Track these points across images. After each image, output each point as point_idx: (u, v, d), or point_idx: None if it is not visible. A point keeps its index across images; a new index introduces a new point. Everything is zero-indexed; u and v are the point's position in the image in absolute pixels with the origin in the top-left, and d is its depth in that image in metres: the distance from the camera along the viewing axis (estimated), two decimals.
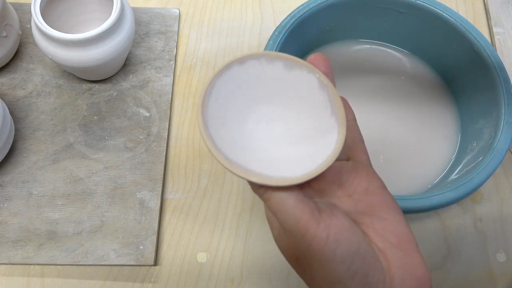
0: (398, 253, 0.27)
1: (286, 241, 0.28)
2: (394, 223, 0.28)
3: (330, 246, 0.25)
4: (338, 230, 0.25)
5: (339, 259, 0.25)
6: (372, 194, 0.29)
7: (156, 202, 0.46)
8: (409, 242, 0.27)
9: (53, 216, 0.45)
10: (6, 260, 0.43)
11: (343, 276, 0.25)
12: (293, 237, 0.26)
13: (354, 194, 0.29)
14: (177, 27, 0.56)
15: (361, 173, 0.29)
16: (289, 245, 0.27)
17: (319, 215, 0.26)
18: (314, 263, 0.26)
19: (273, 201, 0.26)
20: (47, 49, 0.45)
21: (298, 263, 0.27)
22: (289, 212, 0.26)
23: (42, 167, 0.47)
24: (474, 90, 0.48)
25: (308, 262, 0.26)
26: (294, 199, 0.26)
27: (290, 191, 0.26)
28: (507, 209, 0.48)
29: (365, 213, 0.28)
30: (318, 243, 0.25)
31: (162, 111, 0.51)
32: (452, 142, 0.50)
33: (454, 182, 0.42)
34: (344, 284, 0.25)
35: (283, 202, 0.26)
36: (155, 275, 0.44)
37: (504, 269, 0.46)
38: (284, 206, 0.26)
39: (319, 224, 0.25)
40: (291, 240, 0.27)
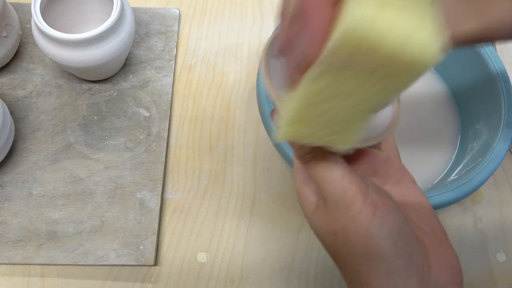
0: (433, 242, 0.27)
1: (325, 215, 0.26)
2: (427, 214, 0.28)
3: (377, 221, 0.24)
4: (385, 207, 0.25)
5: (384, 235, 0.24)
6: (403, 185, 0.29)
7: (156, 202, 0.46)
8: (442, 233, 0.28)
9: (53, 216, 0.45)
10: (6, 260, 0.43)
11: (388, 253, 0.24)
12: (336, 210, 0.25)
13: (387, 184, 0.29)
14: (177, 27, 0.56)
15: (393, 165, 0.29)
16: (328, 219, 0.26)
17: (366, 189, 0.25)
18: (356, 238, 0.25)
19: (321, 169, 0.26)
20: (47, 49, 0.45)
21: (336, 238, 0.26)
22: (336, 180, 0.25)
23: (42, 167, 0.47)
24: (474, 90, 0.48)
25: (350, 236, 0.25)
26: (342, 169, 0.25)
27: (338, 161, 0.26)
28: (507, 209, 0.48)
29: (399, 203, 0.28)
30: (364, 217, 0.24)
31: (162, 111, 0.51)
32: (452, 142, 0.50)
33: (454, 182, 0.42)
34: (387, 261, 0.24)
35: (331, 170, 0.25)
36: (155, 275, 0.44)
37: (504, 269, 0.46)
38: (332, 174, 0.25)
39: (366, 198, 0.25)
40: (332, 213, 0.26)
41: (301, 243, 0.46)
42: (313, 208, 0.28)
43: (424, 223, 0.27)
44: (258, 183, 0.49)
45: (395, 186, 0.29)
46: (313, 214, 0.28)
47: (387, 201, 0.25)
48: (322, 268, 0.45)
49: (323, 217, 0.27)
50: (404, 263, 0.25)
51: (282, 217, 0.47)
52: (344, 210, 0.25)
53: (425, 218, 0.28)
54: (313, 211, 0.28)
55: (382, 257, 0.24)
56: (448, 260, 0.27)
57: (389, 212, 0.25)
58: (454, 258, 0.27)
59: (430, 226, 0.27)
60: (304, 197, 0.28)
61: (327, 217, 0.26)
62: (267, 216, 0.47)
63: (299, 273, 0.45)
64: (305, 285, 0.44)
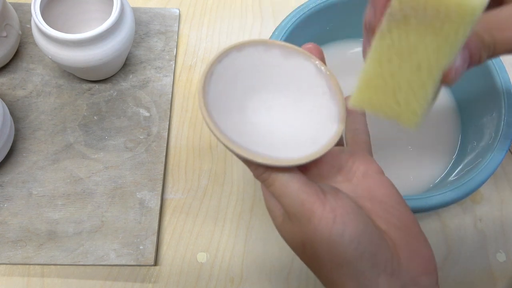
0: (402, 234, 0.27)
1: (291, 227, 0.27)
2: (395, 205, 0.28)
3: (338, 227, 0.25)
4: (345, 211, 0.25)
5: (347, 240, 0.25)
6: (370, 178, 0.29)
7: (156, 202, 0.46)
8: (411, 223, 0.28)
9: (53, 216, 0.45)
10: (6, 260, 0.43)
11: (352, 257, 0.25)
12: (299, 222, 0.26)
13: (353, 179, 0.29)
14: (177, 27, 0.56)
15: (358, 158, 0.30)
16: (294, 231, 0.27)
17: (324, 197, 0.26)
18: (321, 247, 0.25)
19: (277, 185, 0.26)
20: (47, 49, 0.45)
21: (304, 250, 0.27)
22: (294, 195, 0.26)
23: (42, 167, 0.47)
24: (474, 90, 0.48)
25: (315, 246, 0.26)
26: (298, 182, 0.26)
27: (294, 174, 0.26)
28: (507, 209, 0.48)
29: (365, 197, 0.28)
30: (325, 225, 0.25)
31: (162, 111, 0.51)
32: (452, 142, 0.50)
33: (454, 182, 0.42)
34: (353, 265, 0.25)
35: (287, 185, 0.26)
36: (155, 275, 0.44)
37: (504, 269, 0.46)
38: (288, 189, 0.26)
39: (325, 206, 0.25)
40: (296, 225, 0.26)
41: None
42: (281, 221, 0.28)
43: (392, 216, 0.28)
44: (258, 183, 0.48)
45: (361, 180, 0.29)
46: (281, 226, 0.28)
47: (346, 204, 0.26)
48: None
49: (290, 230, 0.27)
50: (369, 263, 0.25)
51: None
52: (306, 221, 0.25)
53: (392, 210, 0.28)
54: (281, 224, 0.28)
55: (347, 262, 0.25)
56: (419, 250, 0.27)
57: (348, 216, 0.25)
58: (425, 247, 0.27)
59: (398, 217, 0.28)
60: (272, 211, 0.29)
61: (293, 230, 0.27)
62: (267, 216, 0.47)
63: (299, 273, 0.45)
64: (305, 285, 0.44)
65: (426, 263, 0.27)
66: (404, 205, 0.28)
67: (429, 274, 0.27)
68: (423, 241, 0.27)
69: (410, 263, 0.26)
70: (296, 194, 0.26)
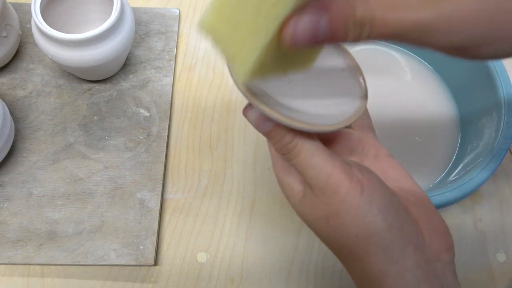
0: (421, 210, 0.27)
1: (313, 201, 0.26)
2: (410, 184, 0.28)
3: (365, 199, 0.25)
4: (371, 183, 0.25)
5: (375, 210, 0.25)
6: (381, 160, 0.29)
7: (156, 202, 0.46)
8: (427, 200, 0.28)
9: (53, 216, 0.45)
10: (6, 260, 0.43)
11: (380, 227, 0.25)
12: (323, 194, 0.26)
13: (366, 161, 0.29)
14: (177, 27, 0.56)
15: (368, 141, 0.30)
16: (318, 205, 0.26)
17: (350, 170, 0.25)
18: (348, 218, 0.25)
19: (303, 156, 0.26)
20: (47, 49, 0.45)
21: (328, 223, 0.26)
22: (320, 166, 0.25)
23: (42, 167, 0.47)
24: (474, 90, 0.48)
25: (340, 218, 0.25)
26: (324, 154, 0.26)
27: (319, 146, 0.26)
28: (507, 209, 0.48)
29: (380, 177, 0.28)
30: (352, 197, 0.25)
31: (162, 111, 0.51)
32: (452, 142, 0.50)
33: (454, 182, 0.42)
34: (381, 235, 0.25)
35: (313, 156, 0.26)
36: (155, 275, 0.44)
37: (504, 269, 0.46)
38: (314, 160, 0.26)
39: (351, 178, 0.25)
40: (320, 198, 0.26)
41: (301, 243, 0.46)
42: (301, 197, 0.28)
43: (408, 193, 0.28)
44: (258, 183, 0.49)
45: (373, 163, 0.29)
46: (301, 203, 0.28)
47: (372, 177, 0.26)
48: (322, 268, 0.45)
49: (312, 204, 0.27)
50: (397, 235, 0.25)
51: (282, 217, 0.47)
52: (332, 193, 0.25)
53: (407, 188, 0.28)
54: (300, 200, 0.28)
55: (376, 233, 0.25)
56: (438, 227, 0.27)
57: (375, 188, 0.25)
58: (443, 224, 0.27)
59: (414, 195, 0.28)
60: (289, 187, 0.28)
61: (316, 203, 0.26)
62: (267, 216, 0.47)
63: (299, 273, 0.45)
64: (305, 285, 0.44)
65: (445, 239, 0.27)
66: (416, 184, 0.29)
67: (449, 250, 0.27)
68: (440, 218, 0.28)
69: (431, 239, 0.26)
70: (322, 165, 0.25)
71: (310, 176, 0.26)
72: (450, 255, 0.27)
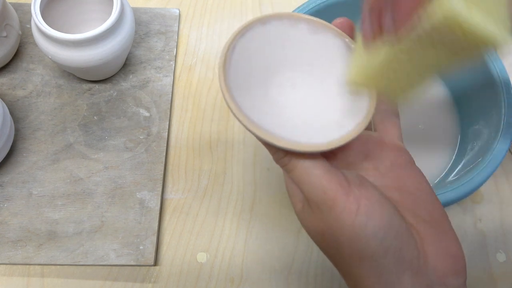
0: (431, 229, 0.25)
1: (311, 215, 0.26)
2: (425, 198, 0.26)
3: (361, 219, 0.23)
4: (369, 202, 0.24)
5: (370, 233, 0.23)
6: (399, 167, 0.27)
7: (156, 202, 0.46)
8: (442, 218, 0.26)
9: (53, 216, 0.45)
10: (6, 260, 0.43)
11: (375, 251, 0.23)
12: (319, 210, 0.24)
13: (381, 167, 0.27)
14: (177, 27, 0.56)
15: (388, 145, 0.28)
16: (314, 219, 0.25)
17: (348, 186, 0.24)
18: (342, 238, 0.24)
19: (298, 171, 0.25)
20: (47, 49, 0.45)
21: (324, 239, 0.25)
22: (315, 182, 0.24)
23: (42, 167, 0.47)
24: (474, 90, 0.48)
25: (335, 237, 0.24)
26: (321, 169, 0.24)
27: (316, 160, 0.24)
28: (507, 209, 0.48)
29: (393, 187, 0.26)
30: (347, 215, 0.23)
31: (162, 111, 0.51)
32: (452, 142, 0.50)
33: (454, 182, 0.42)
34: (375, 260, 0.23)
35: (309, 172, 0.24)
36: (155, 275, 0.44)
37: (504, 269, 0.46)
38: (310, 176, 0.24)
39: (348, 196, 0.23)
40: (317, 213, 0.25)
41: (301, 243, 0.46)
42: (301, 207, 0.27)
43: (421, 208, 0.26)
44: (258, 183, 0.49)
45: (390, 169, 0.27)
46: (300, 214, 0.27)
47: (372, 195, 0.24)
48: (322, 268, 0.45)
49: (310, 218, 0.26)
50: (394, 260, 0.23)
51: (282, 217, 0.47)
52: (327, 210, 0.24)
53: (422, 203, 0.26)
54: (300, 211, 0.27)
55: (370, 256, 0.23)
56: (448, 248, 0.25)
57: (373, 207, 0.24)
58: (455, 245, 0.25)
59: (428, 211, 0.26)
60: (292, 196, 0.27)
61: (313, 218, 0.25)
62: (267, 216, 0.47)
63: (299, 273, 0.45)
64: (305, 285, 0.44)
65: (454, 262, 0.25)
66: (435, 199, 0.26)
67: (457, 274, 0.25)
68: (453, 238, 0.25)
69: (437, 261, 0.24)
70: (318, 181, 0.24)
71: (305, 191, 0.25)
72: (459, 279, 0.25)
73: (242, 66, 0.26)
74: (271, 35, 0.27)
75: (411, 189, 0.26)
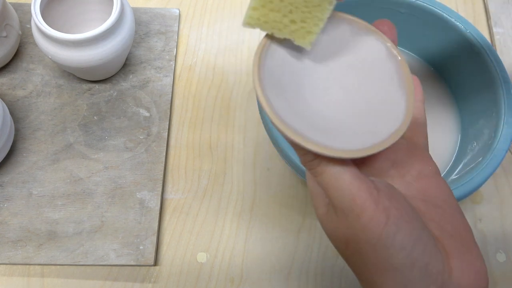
0: (456, 244, 0.25)
1: (335, 221, 0.25)
2: (450, 211, 0.26)
3: (389, 230, 0.22)
4: (399, 214, 0.23)
5: (398, 245, 0.22)
6: (426, 178, 0.26)
7: (156, 202, 0.46)
8: (466, 233, 0.25)
9: (53, 216, 0.45)
10: (6, 260, 0.43)
11: (402, 264, 0.23)
12: (345, 217, 0.24)
13: (407, 176, 0.26)
14: (177, 27, 0.56)
15: (415, 154, 0.27)
16: (339, 226, 0.25)
17: (377, 195, 0.23)
18: (368, 248, 0.23)
19: (327, 176, 0.24)
20: (47, 49, 0.45)
21: (347, 247, 0.25)
22: (344, 188, 0.23)
23: (42, 167, 0.47)
24: (474, 90, 0.48)
25: (360, 246, 0.23)
26: (350, 175, 0.24)
27: (346, 165, 0.24)
28: (507, 209, 0.48)
29: (419, 198, 0.26)
30: (375, 225, 0.23)
31: (162, 111, 0.51)
32: (452, 143, 0.50)
33: (454, 182, 0.42)
34: (401, 272, 0.23)
35: (338, 177, 0.24)
36: (155, 275, 0.44)
37: (504, 269, 0.46)
38: (339, 182, 0.24)
39: (377, 205, 0.23)
40: (342, 220, 0.24)
41: (301, 243, 0.46)
42: (325, 211, 0.26)
43: (446, 222, 0.25)
44: (258, 183, 0.49)
45: (416, 179, 0.26)
46: (323, 218, 0.26)
47: (401, 206, 0.24)
48: (322, 268, 0.45)
49: (334, 223, 0.25)
50: (420, 274, 0.23)
51: (282, 217, 0.47)
52: (355, 218, 0.23)
53: (448, 216, 0.25)
54: (323, 216, 0.26)
55: (396, 268, 0.23)
56: (472, 263, 0.25)
57: (403, 219, 0.23)
58: (479, 260, 0.25)
59: (453, 225, 0.25)
60: (315, 199, 0.27)
61: (338, 224, 0.25)
62: (267, 216, 0.47)
63: (299, 273, 0.45)
64: (305, 285, 0.44)
65: (478, 278, 0.24)
66: (459, 212, 0.26)
67: None
68: (477, 254, 0.25)
69: (462, 277, 0.24)
70: (346, 188, 0.23)
71: (332, 196, 0.24)
72: None
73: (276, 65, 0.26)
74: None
75: (436, 200, 0.26)
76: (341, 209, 0.24)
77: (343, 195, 0.23)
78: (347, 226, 0.24)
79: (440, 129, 0.50)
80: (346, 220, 0.24)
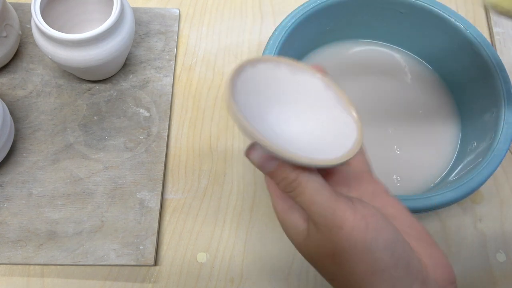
0: (422, 244, 0.27)
1: (318, 239, 0.26)
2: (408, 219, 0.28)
3: (371, 234, 0.24)
4: (376, 219, 0.25)
5: (382, 246, 0.24)
6: (379, 197, 0.29)
7: (156, 202, 0.46)
8: (427, 235, 0.28)
9: (53, 216, 0.45)
10: (6, 260, 0.43)
11: (387, 263, 0.24)
12: (329, 231, 0.25)
13: (364, 197, 0.29)
14: (177, 27, 0.56)
15: (365, 178, 0.30)
16: (322, 242, 0.26)
17: (353, 205, 0.25)
18: (354, 255, 0.25)
19: (308, 193, 0.26)
20: (47, 49, 0.45)
21: (334, 260, 0.26)
22: (325, 203, 0.25)
23: (42, 167, 0.47)
24: (474, 90, 0.49)
25: (347, 255, 0.25)
26: (328, 191, 0.26)
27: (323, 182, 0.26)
28: (507, 209, 0.48)
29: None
30: (358, 232, 0.24)
31: (162, 111, 0.51)
32: (452, 143, 0.50)
33: (454, 183, 0.42)
34: (388, 272, 0.24)
35: (318, 193, 0.26)
36: (155, 275, 0.44)
37: (504, 269, 0.46)
38: (319, 197, 0.25)
39: (356, 214, 0.25)
40: (325, 235, 0.26)
41: None
42: (305, 235, 0.28)
43: (409, 228, 0.28)
44: (258, 183, 0.49)
45: (372, 199, 0.29)
46: (305, 241, 0.28)
47: (375, 213, 0.26)
48: None
49: (317, 242, 0.27)
50: (404, 272, 0.25)
51: None
52: (337, 229, 0.25)
53: (409, 223, 0.28)
54: (305, 239, 0.28)
55: (383, 270, 0.24)
56: (440, 260, 0.27)
57: (380, 223, 0.25)
58: (444, 257, 0.27)
59: (415, 230, 0.28)
60: (292, 226, 0.28)
61: (321, 241, 0.26)
62: (267, 216, 0.47)
63: (299, 273, 0.45)
64: (305, 285, 0.44)
65: (448, 272, 0.27)
66: (415, 220, 0.28)
67: (453, 284, 0.27)
68: (440, 251, 0.27)
69: (436, 273, 0.26)
70: (327, 202, 0.25)
71: (315, 213, 0.26)
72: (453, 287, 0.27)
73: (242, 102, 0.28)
74: (260, 75, 0.30)
75: (395, 214, 0.28)
76: (324, 223, 0.25)
77: (324, 209, 0.25)
78: (331, 239, 0.25)
79: (440, 129, 0.50)
80: (330, 233, 0.25)
